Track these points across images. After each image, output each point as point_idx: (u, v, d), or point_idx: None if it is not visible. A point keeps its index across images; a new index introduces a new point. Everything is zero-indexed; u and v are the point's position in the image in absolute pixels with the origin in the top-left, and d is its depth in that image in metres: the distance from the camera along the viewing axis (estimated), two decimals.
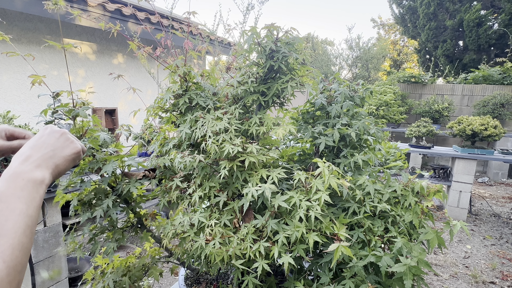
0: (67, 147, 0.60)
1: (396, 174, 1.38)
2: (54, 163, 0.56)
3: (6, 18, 3.20)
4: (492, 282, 2.68)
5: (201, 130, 0.95)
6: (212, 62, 6.85)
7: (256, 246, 0.82)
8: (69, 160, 0.60)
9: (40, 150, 0.55)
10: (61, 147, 0.59)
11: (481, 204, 4.85)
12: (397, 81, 7.39)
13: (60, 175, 0.59)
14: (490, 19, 8.40)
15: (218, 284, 1.19)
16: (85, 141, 0.96)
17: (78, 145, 0.63)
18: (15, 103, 3.38)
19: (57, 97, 1.00)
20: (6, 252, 0.40)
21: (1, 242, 0.40)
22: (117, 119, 2.91)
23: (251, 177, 0.89)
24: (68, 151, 0.60)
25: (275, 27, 0.97)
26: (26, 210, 0.46)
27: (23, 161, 0.52)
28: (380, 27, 16.72)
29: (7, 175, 0.48)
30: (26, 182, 0.48)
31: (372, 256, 0.81)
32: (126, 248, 2.99)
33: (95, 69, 4.13)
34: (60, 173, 0.58)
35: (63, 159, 0.58)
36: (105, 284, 1.11)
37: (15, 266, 0.41)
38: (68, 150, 0.60)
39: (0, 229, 0.41)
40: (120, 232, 1.10)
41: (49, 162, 0.55)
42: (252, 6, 5.38)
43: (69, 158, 0.60)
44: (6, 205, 0.44)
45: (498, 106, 6.04)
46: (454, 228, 0.80)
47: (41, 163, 0.53)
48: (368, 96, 1.14)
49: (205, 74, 1.18)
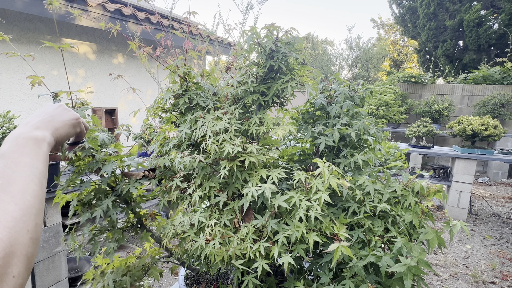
0: (65, 114, 0.63)
1: (396, 174, 1.38)
2: (53, 126, 0.58)
3: (6, 18, 3.19)
4: (492, 282, 2.68)
5: (201, 130, 0.95)
6: (212, 62, 6.85)
7: (256, 246, 0.82)
8: (68, 125, 0.63)
9: (39, 116, 0.58)
10: (59, 114, 0.62)
11: (481, 204, 4.85)
12: (397, 81, 7.39)
13: (62, 139, 0.61)
14: (490, 19, 8.40)
15: (218, 284, 1.19)
16: (84, 141, 0.96)
17: (75, 113, 0.66)
18: (15, 103, 3.38)
19: (56, 97, 1.00)
20: (17, 196, 0.41)
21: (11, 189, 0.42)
22: (117, 119, 2.91)
23: (251, 177, 0.89)
24: (66, 116, 0.63)
25: (275, 27, 0.97)
26: (31, 162, 0.47)
27: (22, 125, 0.54)
28: (380, 27, 16.73)
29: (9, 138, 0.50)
30: (27, 140, 0.50)
31: (372, 256, 0.81)
32: (126, 248, 2.99)
33: (95, 69, 4.13)
34: (62, 136, 0.60)
35: (62, 123, 0.61)
36: (105, 284, 1.11)
37: (29, 208, 0.42)
38: (67, 116, 0.63)
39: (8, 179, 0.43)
40: (120, 232, 1.09)
41: (48, 125, 0.57)
42: (251, 6, 5.38)
43: (68, 122, 0.63)
44: (10, 160, 0.45)
45: (498, 106, 6.04)
46: (454, 228, 0.80)
47: (40, 125, 0.56)
48: (368, 96, 1.14)
49: (205, 74, 1.18)
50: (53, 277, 2.03)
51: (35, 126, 0.55)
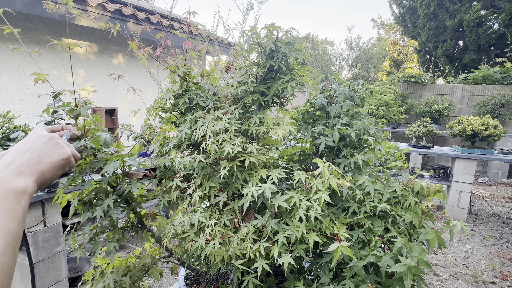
0: (55, 153, 0.55)
1: (396, 174, 1.38)
2: (38, 170, 0.51)
3: (6, 18, 3.19)
4: (492, 282, 2.68)
5: (201, 130, 0.95)
6: (212, 62, 6.85)
7: (256, 246, 0.82)
8: (56, 167, 0.55)
9: (24, 155, 0.51)
10: (48, 152, 0.54)
11: (481, 204, 4.85)
12: (397, 81, 7.39)
13: (47, 183, 0.54)
14: (490, 19, 8.40)
15: (218, 284, 1.19)
16: (87, 140, 0.96)
17: (67, 150, 0.58)
18: (15, 103, 3.38)
19: (57, 97, 1.00)
20: None
21: None
22: (117, 119, 2.91)
23: (251, 177, 0.89)
24: (55, 157, 0.55)
25: (275, 27, 0.97)
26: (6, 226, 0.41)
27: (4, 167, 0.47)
28: (380, 27, 16.73)
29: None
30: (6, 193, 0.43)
31: (372, 256, 0.81)
32: (126, 248, 2.99)
33: (95, 69, 4.13)
34: (47, 181, 0.53)
35: (50, 165, 0.53)
36: (105, 284, 1.11)
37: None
38: (56, 155, 0.55)
39: None
40: (121, 232, 1.10)
41: (33, 169, 0.50)
42: (251, 6, 5.38)
43: (57, 164, 0.55)
44: None
45: (498, 106, 6.04)
46: (454, 228, 0.80)
47: (24, 170, 0.49)
48: (368, 96, 1.14)
49: (205, 74, 1.18)
50: (53, 277, 2.03)
51: (18, 171, 0.47)
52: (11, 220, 0.42)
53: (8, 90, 3.31)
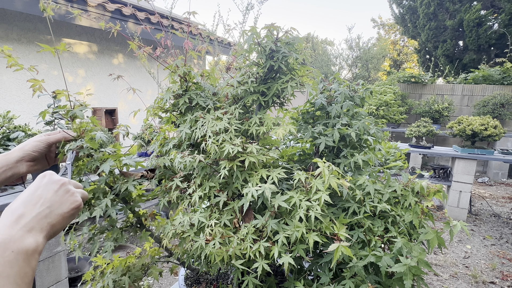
0: (66, 202, 0.53)
1: (396, 174, 1.38)
2: (49, 224, 0.49)
3: (6, 18, 3.20)
4: (492, 282, 2.68)
5: (201, 130, 0.95)
6: (212, 62, 6.85)
7: (256, 246, 0.82)
8: (66, 218, 0.52)
9: (34, 207, 0.48)
10: (59, 202, 0.51)
11: (481, 204, 4.85)
12: (397, 81, 7.39)
13: (55, 235, 0.51)
14: (490, 19, 8.40)
15: (218, 284, 1.19)
16: (83, 141, 0.96)
17: (78, 198, 0.55)
18: (15, 103, 3.38)
19: (57, 97, 1.00)
20: None
21: None
22: (117, 119, 2.91)
23: (251, 177, 0.89)
24: (66, 207, 0.52)
25: (275, 27, 0.97)
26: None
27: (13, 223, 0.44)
28: (380, 27, 16.73)
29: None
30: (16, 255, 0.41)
31: (372, 256, 0.81)
32: (126, 248, 2.99)
33: (95, 69, 4.13)
34: (56, 233, 0.51)
35: (61, 217, 0.51)
36: (105, 284, 1.11)
37: None
38: (67, 205, 0.53)
39: None
40: (119, 231, 1.09)
41: (44, 223, 0.48)
42: (251, 6, 5.38)
43: (67, 215, 0.52)
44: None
45: (498, 106, 6.04)
46: (454, 228, 0.80)
47: (35, 225, 0.46)
48: (368, 96, 1.14)
49: (205, 74, 1.18)
50: (53, 277, 2.03)
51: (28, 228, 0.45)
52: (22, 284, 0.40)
53: (8, 90, 3.31)
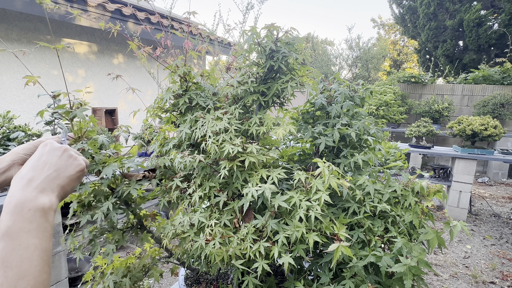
0: (71, 165, 0.55)
1: (396, 174, 1.38)
2: (59, 185, 0.51)
3: (6, 18, 3.20)
4: (492, 282, 2.68)
5: (201, 130, 0.95)
6: (212, 62, 6.84)
7: (256, 246, 0.82)
8: (74, 179, 0.55)
9: (42, 171, 0.50)
10: (64, 166, 0.54)
11: (481, 204, 4.85)
12: (397, 81, 7.39)
13: (66, 196, 0.54)
14: (490, 19, 8.40)
15: (218, 284, 1.19)
16: (84, 143, 0.96)
17: (82, 161, 0.58)
18: (15, 103, 3.38)
19: (56, 98, 1.00)
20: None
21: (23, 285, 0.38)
22: (117, 119, 2.91)
23: (251, 177, 0.89)
24: (72, 170, 0.55)
25: (275, 27, 0.97)
26: (39, 244, 0.42)
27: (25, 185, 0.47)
28: (380, 27, 16.72)
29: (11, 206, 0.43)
30: (34, 213, 0.44)
31: (372, 256, 0.81)
32: (126, 248, 2.99)
33: (95, 69, 4.13)
34: (66, 194, 0.54)
35: (68, 179, 0.54)
36: (105, 285, 1.11)
37: None
38: (72, 168, 0.55)
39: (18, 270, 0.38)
40: (120, 233, 1.09)
41: (54, 184, 0.50)
42: (251, 6, 5.38)
43: (74, 177, 0.55)
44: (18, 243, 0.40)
45: (498, 106, 6.04)
46: (454, 228, 0.80)
47: (46, 187, 0.49)
48: (368, 96, 1.14)
49: (205, 74, 1.18)
50: (53, 277, 2.03)
51: (40, 189, 0.47)
52: (43, 238, 0.43)
53: (8, 90, 3.31)
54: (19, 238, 0.41)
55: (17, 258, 0.39)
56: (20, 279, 0.38)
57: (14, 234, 0.41)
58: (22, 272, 0.39)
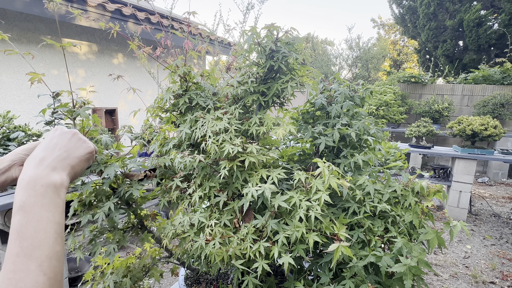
0: (80, 147, 0.58)
1: (396, 174, 1.38)
2: (69, 164, 0.54)
3: (6, 18, 3.20)
4: (492, 282, 2.68)
5: (201, 130, 0.95)
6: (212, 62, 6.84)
7: (256, 246, 0.82)
8: (83, 161, 0.58)
9: (53, 151, 0.53)
10: (74, 147, 0.57)
11: (481, 204, 4.85)
12: (397, 81, 7.39)
13: (76, 176, 0.57)
14: (490, 19, 8.40)
15: (218, 284, 1.19)
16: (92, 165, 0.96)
17: (90, 144, 0.61)
18: (15, 103, 3.38)
19: (57, 97, 1.00)
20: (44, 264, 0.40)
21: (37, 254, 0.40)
22: (117, 119, 2.91)
23: (251, 177, 0.89)
24: (81, 151, 0.58)
25: (275, 27, 0.97)
26: (53, 217, 0.45)
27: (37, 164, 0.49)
28: (380, 27, 16.72)
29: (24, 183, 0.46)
30: (46, 188, 0.46)
31: (372, 256, 0.81)
32: (127, 248, 2.99)
33: (95, 69, 4.13)
34: (76, 175, 0.57)
35: (78, 159, 0.57)
36: (105, 285, 1.11)
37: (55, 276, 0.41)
38: (82, 150, 0.59)
39: (33, 241, 0.40)
40: (121, 233, 1.09)
41: (64, 164, 0.53)
42: (252, 6, 5.38)
43: (84, 158, 0.58)
44: (32, 216, 0.42)
45: (498, 106, 6.04)
46: (454, 228, 0.80)
47: (57, 165, 0.51)
48: (368, 96, 1.14)
49: (205, 74, 1.18)
50: None
51: (52, 167, 0.50)
52: (56, 212, 0.46)
53: (8, 90, 3.31)
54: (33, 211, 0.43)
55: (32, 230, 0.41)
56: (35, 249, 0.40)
57: (28, 208, 0.43)
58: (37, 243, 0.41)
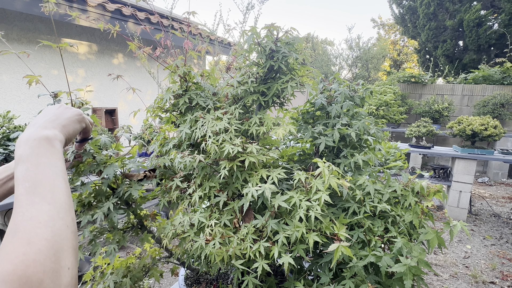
0: (68, 112, 0.64)
1: (396, 174, 1.38)
2: (59, 124, 0.59)
3: (6, 18, 3.20)
4: (492, 282, 2.68)
5: (201, 130, 0.95)
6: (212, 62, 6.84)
7: (256, 246, 0.82)
8: (73, 121, 0.64)
9: (44, 117, 0.59)
10: (62, 112, 0.63)
11: (481, 204, 4.85)
12: (397, 81, 7.39)
13: (70, 136, 0.62)
14: (490, 19, 8.40)
15: (218, 284, 1.19)
16: (92, 138, 0.96)
17: (77, 109, 0.67)
18: (15, 103, 3.38)
19: (56, 97, 1.00)
20: (47, 196, 0.42)
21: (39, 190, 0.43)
22: (117, 119, 2.91)
23: (251, 177, 0.89)
24: (70, 114, 0.64)
25: (275, 27, 0.97)
26: (49, 161, 0.48)
27: (29, 127, 0.54)
28: (380, 27, 16.73)
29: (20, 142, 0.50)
30: (39, 141, 0.50)
31: (372, 256, 0.81)
32: (126, 248, 2.99)
33: (95, 69, 4.13)
34: (70, 134, 0.61)
35: (68, 120, 0.62)
36: (105, 285, 1.11)
37: (61, 205, 0.43)
38: (70, 112, 0.64)
39: (34, 181, 0.43)
40: (121, 233, 1.09)
41: (55, 123, 0.58)
42: (252, 6, 5.38)
43: (73, 118, 0.64)
44: (29, 163, 0.46)
45: (498, 106, 6.04)
46: (454, 228, 0.80)
47: (47, 125, 0.56)
48: (368, 96, 1.14)
49: (205, 74, 1.18)
50: None
51: (43, 127, 0.55)
52: (52, 158, 0.49)
53: (8, 90, 3.31)
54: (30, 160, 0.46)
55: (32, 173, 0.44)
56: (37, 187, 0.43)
57: (25, 158, 0.47)
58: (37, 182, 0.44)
